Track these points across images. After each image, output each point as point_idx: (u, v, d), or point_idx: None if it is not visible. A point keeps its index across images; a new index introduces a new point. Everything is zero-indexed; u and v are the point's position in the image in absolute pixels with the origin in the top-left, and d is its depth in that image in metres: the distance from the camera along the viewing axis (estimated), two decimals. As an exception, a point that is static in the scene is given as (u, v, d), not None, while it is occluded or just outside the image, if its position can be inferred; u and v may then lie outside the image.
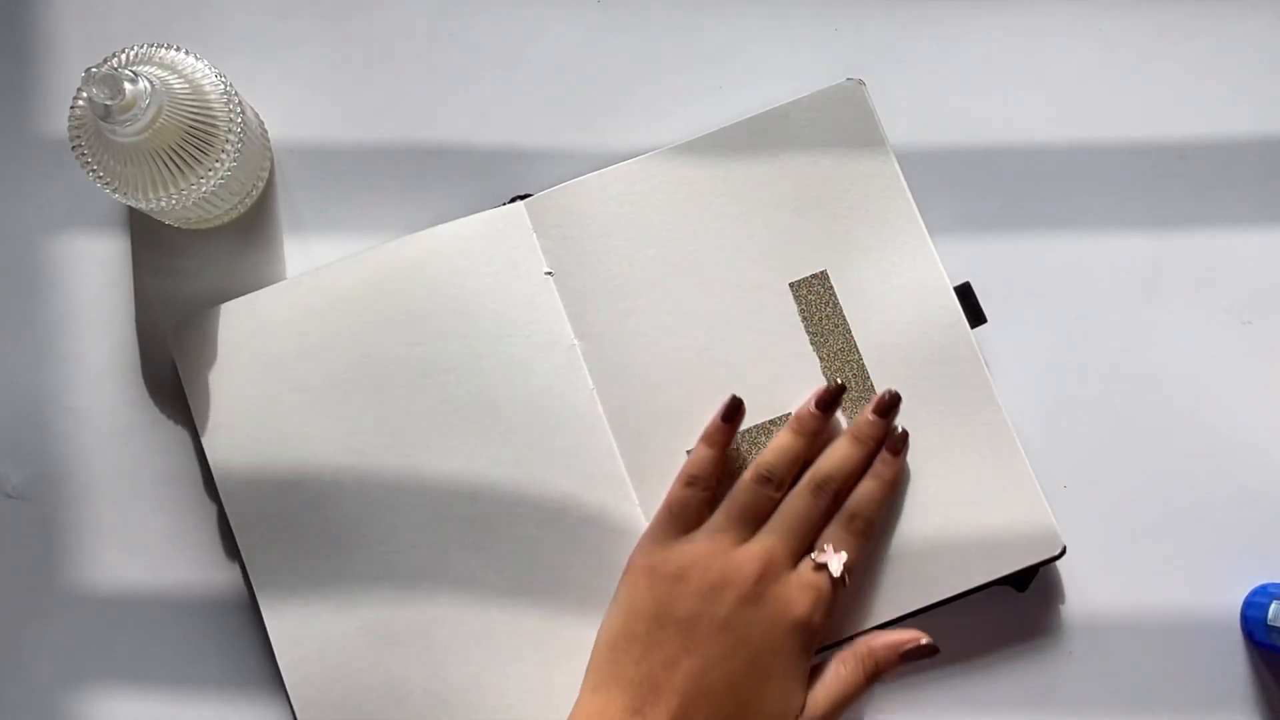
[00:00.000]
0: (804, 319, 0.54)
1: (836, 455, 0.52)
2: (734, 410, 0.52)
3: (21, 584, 0.55)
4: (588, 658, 0.50)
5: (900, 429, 0.52)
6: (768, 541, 0.50)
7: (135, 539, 0.55)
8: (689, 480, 0.51)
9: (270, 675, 0.53)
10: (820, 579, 0.49)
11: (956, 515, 0.52)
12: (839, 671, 0.49)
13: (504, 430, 0.53)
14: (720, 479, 0.52)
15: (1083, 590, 0.54)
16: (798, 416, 0.52)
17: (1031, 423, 0.54)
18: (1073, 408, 0.56)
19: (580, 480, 0.53)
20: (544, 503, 0.52)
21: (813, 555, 0.50)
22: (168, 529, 0.55)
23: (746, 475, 0.51)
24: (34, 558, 0.55)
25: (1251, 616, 0.52)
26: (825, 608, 0.49)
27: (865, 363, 0.53)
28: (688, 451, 0.53)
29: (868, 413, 0.52)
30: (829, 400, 0.52)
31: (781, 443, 0.52)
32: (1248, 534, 0.55)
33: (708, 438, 0.52)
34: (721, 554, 0.49)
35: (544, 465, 0.53)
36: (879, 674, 0.49)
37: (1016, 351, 0.56)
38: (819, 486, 0.51)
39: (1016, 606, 0.54)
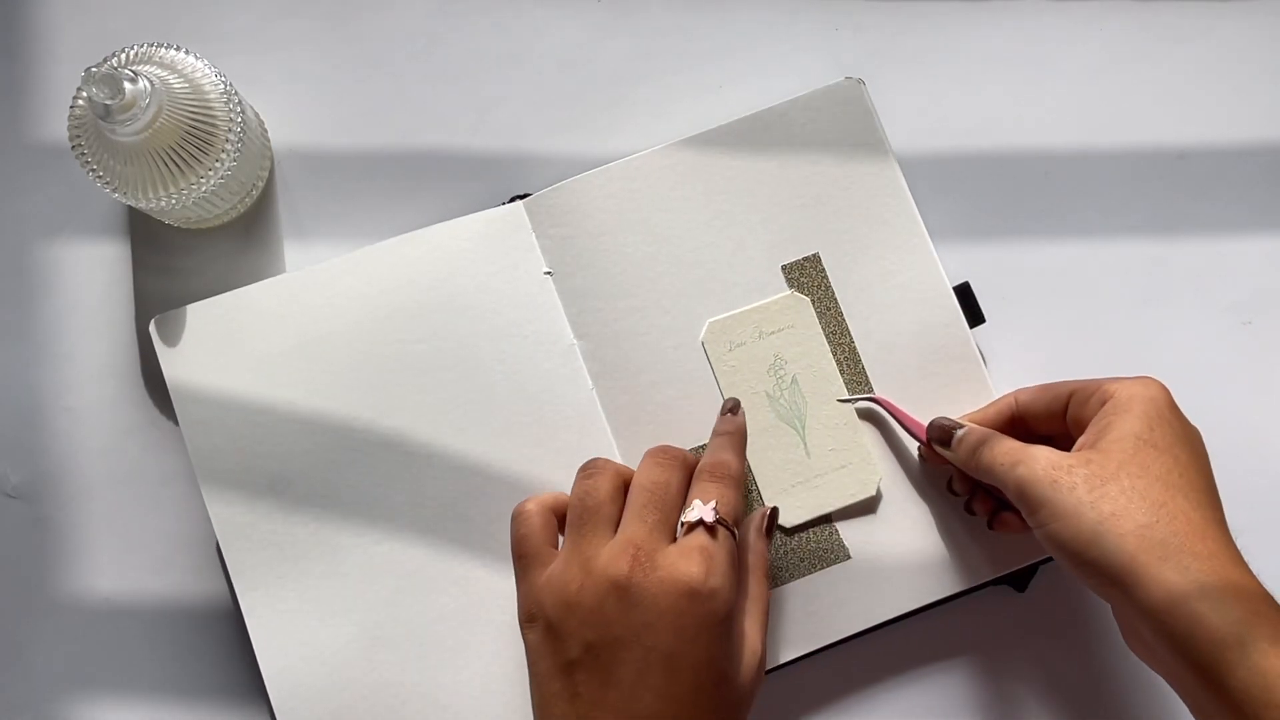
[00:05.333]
0: (803, 319, 0.54)
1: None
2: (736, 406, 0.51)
3: (19, 584, 0.54)
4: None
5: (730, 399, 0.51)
6: (626, 532, 0.44)
7: (134, 539, 0.55)
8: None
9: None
10: (699, 538, 0.44)
11: (955, 514, 0.52)
12: (757, 589, 0.47)
13: (503, 429, 0.53)
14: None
15: (1082, 590, 0.54)
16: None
17: (1031, 423, 0.54)
18: (1072, 408, 0.56)
19: (580, 480, 0.53)
20: (543, 502, 0.52)
21: (681, 518, 0.45)
22: (166, 530, 0.55)
23: (576, 480, 0.48)
24: (32, 558, 0.55)
25: None
26: (721, 565, 0.43)
27: (864, 363, 0.53)
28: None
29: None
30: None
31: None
32: (1247, 534, 0.55)
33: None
34: (580, 572, 0.44)
35: (543, 464, 0.52)
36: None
37: (1015, 352, 0.56)
38: (662, 453, 0.47)
39: (1016, 606, 0.54)
